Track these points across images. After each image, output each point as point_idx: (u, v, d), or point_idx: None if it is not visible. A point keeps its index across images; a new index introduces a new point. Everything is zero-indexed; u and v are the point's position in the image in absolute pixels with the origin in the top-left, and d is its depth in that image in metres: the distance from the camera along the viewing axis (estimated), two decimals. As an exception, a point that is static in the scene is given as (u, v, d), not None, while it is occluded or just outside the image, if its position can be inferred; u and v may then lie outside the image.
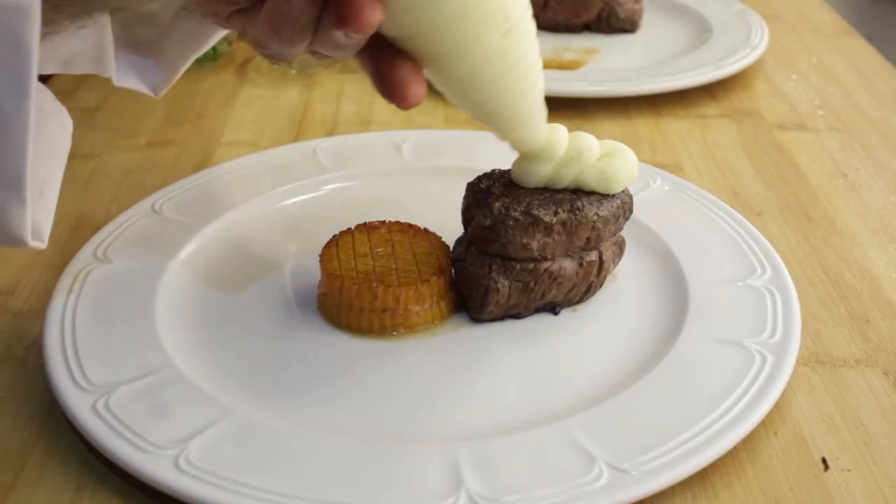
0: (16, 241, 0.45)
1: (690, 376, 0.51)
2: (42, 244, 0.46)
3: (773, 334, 0.53)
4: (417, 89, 0.47)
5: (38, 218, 0.46)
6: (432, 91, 0.49)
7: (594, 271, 0.57)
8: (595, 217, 0.55)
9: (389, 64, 0.47)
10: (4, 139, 0.42)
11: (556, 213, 0.54)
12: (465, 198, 0.56)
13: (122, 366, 0.51)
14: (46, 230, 0.47)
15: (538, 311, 0.57)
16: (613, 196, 0.55)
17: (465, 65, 0.48)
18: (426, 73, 0.48)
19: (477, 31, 0.47)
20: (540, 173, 0.54)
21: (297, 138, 0.81)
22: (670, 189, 0.68)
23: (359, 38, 0.45)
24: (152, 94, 0.59)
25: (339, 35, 0.43)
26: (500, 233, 0.53)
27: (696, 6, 1.05)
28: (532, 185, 0.54)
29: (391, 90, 0.47)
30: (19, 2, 0.40)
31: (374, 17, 0.43)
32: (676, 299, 0.57)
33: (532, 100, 0.51)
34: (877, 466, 0.47)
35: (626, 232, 0.59)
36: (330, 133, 0.82)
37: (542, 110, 0.53)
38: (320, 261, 0.57)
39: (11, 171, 0.43)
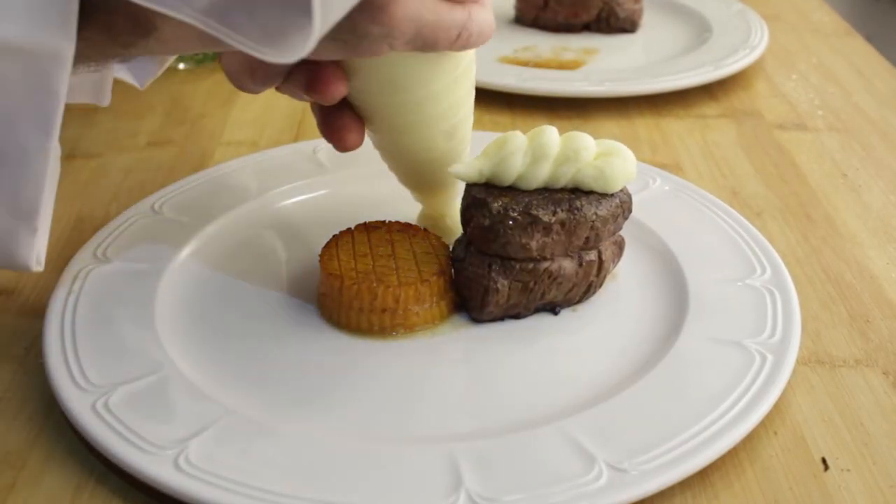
0: (21, 267, 0.49)
1: (690, 376, 0.51)
2: (41, 267, 0.50)
3: (772, 334, 0.53)
4: (355, 137, 0.53)
5: (41, 245, 0.49)
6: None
7: (594, 271, 0.57)
8: (594, 216, 0.55)
9: (336, 110, 0.53)
10: (25, 175, 0.45)
11: (554, 213, 0.54)
12: (464, 198, 0.56)
13: (122, 366, 0.51)
14: (44, 254, 0.50)
15: (538, 311, 0.57)
16: (612, 195, 0.55)
17: (404, 141, 0.55)
18: (367, 129, 0.55)
19: (424, 129, 0.54)
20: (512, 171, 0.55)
21: (296, 138, 0.81)
22: (670, 189, 0.68)
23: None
24: (138, 86, 0.62)
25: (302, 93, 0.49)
26: (499, 233, 0.53)
27: (696, 6, 1.05)
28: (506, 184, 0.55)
29: (332, 132, 0.53)
30: (56, 49, 0.42)
31: (339, 92, 0.50)
32: (676, 299, 0.57)
33: (452, 182, 0.59)
34: (877, 466, 0.47)
35: (626, 232, 0.59)
36: (330, 133, 0.82)
37: (458, 192, 0.60)
38: (320, 261, 0.57)
39: (28, 204, 0.46)
